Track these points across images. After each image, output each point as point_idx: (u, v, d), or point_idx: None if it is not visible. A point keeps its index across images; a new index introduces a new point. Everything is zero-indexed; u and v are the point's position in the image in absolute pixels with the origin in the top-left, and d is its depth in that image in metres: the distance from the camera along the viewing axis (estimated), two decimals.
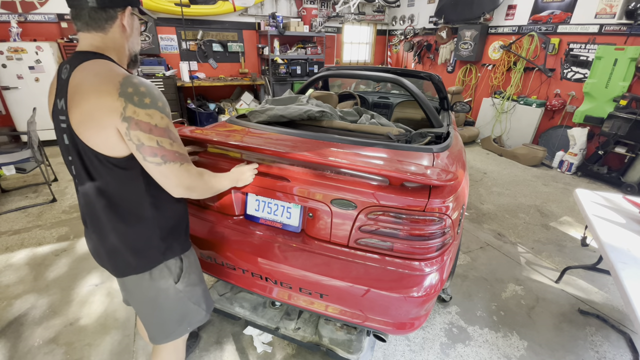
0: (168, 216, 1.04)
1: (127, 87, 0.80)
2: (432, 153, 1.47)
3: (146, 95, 0.82)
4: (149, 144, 0.83)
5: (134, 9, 0.92)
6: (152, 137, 0.83)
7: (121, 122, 0.80)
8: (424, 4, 6.76)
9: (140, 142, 0.83)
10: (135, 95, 0.81)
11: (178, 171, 0.89)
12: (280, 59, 6.16)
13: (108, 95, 0.79)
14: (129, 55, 0.97)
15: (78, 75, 0.83)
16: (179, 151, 0.89)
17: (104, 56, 0.88)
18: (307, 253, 1.33)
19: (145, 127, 0.82)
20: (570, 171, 4.50)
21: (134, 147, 0.84)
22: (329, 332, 1.57)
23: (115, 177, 0.90)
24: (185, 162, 0.91)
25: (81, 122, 0.82)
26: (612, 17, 4.10)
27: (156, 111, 0.84)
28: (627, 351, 1.85)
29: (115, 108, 0.79)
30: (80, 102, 0.81)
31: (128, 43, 0.94)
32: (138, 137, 0.82)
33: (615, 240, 1.64)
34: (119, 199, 0.93)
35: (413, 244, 1.22)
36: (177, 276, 1.07)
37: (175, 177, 0.90)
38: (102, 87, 0.80)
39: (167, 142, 0.86)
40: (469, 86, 6.13)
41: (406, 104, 2.76)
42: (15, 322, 1.91)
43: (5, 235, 2.75)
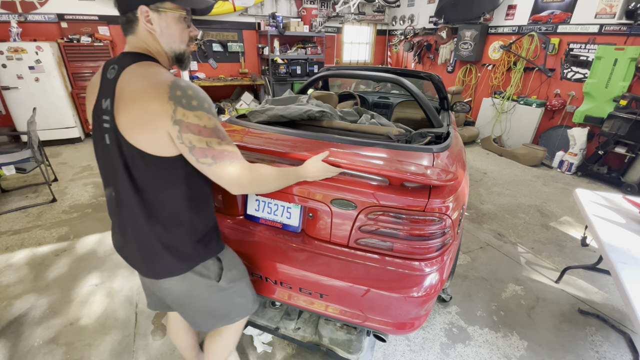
0: (203, 218, 1.04)
1: (176, 91, 0.81)
2: (432, 153, 1.47)
3: (193, 98, 0.83)
4: (199, 145, 0.84)
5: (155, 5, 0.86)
6: (201, 139, 0.84)
7: (172, 126, 0.81)
8: (424, 4, 6.76)
9: (191, 144, 0.84)
10: (184, 98, 0.81)
11: (229, 169, 0.89)
12: (280, 59, 6.16)
13: (158, 99, 0.80)
14: (168, 55, 0.95)
15: (126, 77, 0.84)
16: (228, 149, 0.89)
17: (150, 58, 0.90)
18: (307, 253, 1.33)
19: (195, 129, 0.83)
20: (570, 171, 4.50)
21: (187, 150, 0.85)
22: (329, 332, 1.57)
23: (158, 179, 0.90)
24: (236, 160, 0.90)
25: (130, 124, 0.83)
26: (612, 17, 4.10)
27: (204, 112, 0.84)
28: (627, 351, 1.85)
29: (166, 111, 0.80)
30: (129, 105, 0.82)
31: (162, 43, 0.91)
32: (189, 139, 0.83)
33: (615, 240, 1.64)
34: (160, 201, 0.93)
35: (413, 244, 1.22)
36: (218, 275, 1.09)
37: (227, 176, 0.90)
38: (152, 91, 0.81)
39: (216, 142, 0.86)
40: (469, 86, 6.13)
41: (406, 104, 2.76)
42: (15, 322, 1.91)
43: (5, 235, 2.75)
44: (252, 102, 6.23)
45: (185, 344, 1.46)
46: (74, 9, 4.96)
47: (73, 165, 4.31)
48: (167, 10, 0.88)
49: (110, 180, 0.95)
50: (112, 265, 2.41)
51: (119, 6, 0.88)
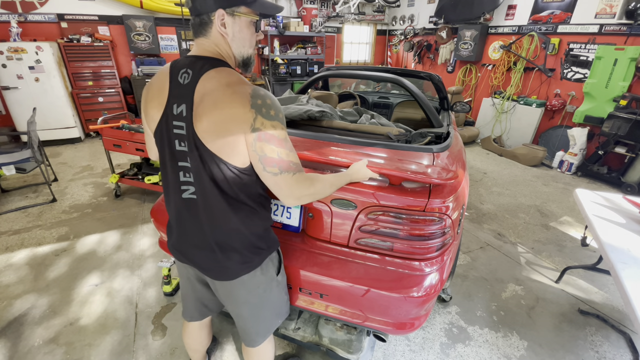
0: (268, 213, 1.07)
1: (257, 99, 0.82)
2: (432, 153, 1.47)
3: (272, 108, 0.84)
4: (270, 155, 0.85)
5: (231, 10, 0.87)
6: (273, 149, 0.85)
7: (250, 133, 0.82)
8: (424, 4, 6.76)
9: (263, 152, 0.85)
10: (264, 107, 0.82)
11: (291, 181, 0.90)
12: (280, 59, 6.16)
13: (241, 106, 0.81)
14: (236, 59, 0.95)
15: (207, 84, 0.84)
16: (294, 161, 0.90)
17: (223, 62, 0.90)
18: (307, 253, 1.33)
19: (269, 138, 0.84)
20: (570, 171, 4.50)
21: (257, 158, 0.86)
22: (329, 332, 1.57)
23: (238, 182, 0.91)
24: (298, 172, 0.91)
25: (211, 130, 0.83)
26: (612, 17, 4.10)
27: (279, 123, 0.85)
28: (627, 351, 1.85)
29: (247, 119, 0.81)
30: (212, 112, 0.82)
31: (232, 47, 0.92)
32: (262, 148, 0.84)
33: (615, 240, 1.64)
34: (241, 202, 0.95)
35: (413, 244, 1.22)
36: (277, 268, 1.12)
37: (288, 187, 0.91)
38: (236, 98, 0.81)
39: (285, 153, 0.87)
40: (469, 86, 6.13)
41: (406, 104, 2.76)
42: (15, 322, 1.91)
43: (5, 235, 2.75)
44: None
45: (200, 345, 1.46)
46: (74, 9, 4.96)
47: (73, 165, 4.31)
48: (242, 15, 0.89)
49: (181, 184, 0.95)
50: (112, 265, 2.41)
51: (195, 8, 0.87)
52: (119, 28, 5.27)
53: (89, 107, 5.14)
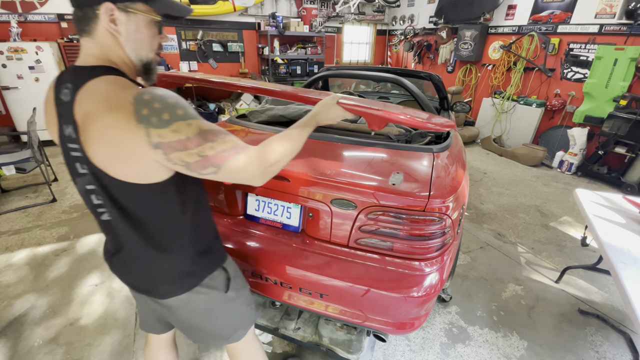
0: (205, 231, 0.97)
1: (141, 109, 0.68)
2: (432, 153, 1.47)
3: (163, 111, 0.69)
4: (193, 160, 0.73)
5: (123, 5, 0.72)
6: (191, 153, 0.72)
7: (154, 151, 0.70)
8: (424, 4, 6.76)
9: (184, 162, 0.73)
10: (153, 116, 0.68)
11: (239, 167, 0.77)
12: (280, 59, 6.16)
13: (126, 125, 0.68)
14: (134, 65, 0.80)
15: (84, 102, 0.70)
16: (224, 148, 0.75)
17: (107, 70, 0.75)
18: (307, 253, 1.33)
19: (179, 145, 0.71)
20: (570, 171, 4.50)
21: (184, 169, 0.75)
22: (329, 332, 1.57)
23: (150, 204, 0.81)
24: (240, 154, 0.77)
25: (106, 159, 0.72)
26: (612, 17, 4.10)
27: (180, 122, 0.71)
28: (627, 351, 1.85)
29: (139, 138, 0.68)
30: (98, 138, 0.70)
31: (127, 49, 0.76)
32: (179, 158, 0.72)
33: (615, 240, 1.64)
34: (156, 226, 0.84)
35: (413, 244, 1.22)
36: (226, 285, 1.02)
37: (240, 175, 0.79)
38: (118, 117, 0.68)
39: (208, 147, 0.73)
40: (469, 86, 6.13)
41: (406, 104, 2.76)
42: (15, 322, 1.91)
43: (5, 235, 2.75)
44: (252, 102, 6.23)
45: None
46: None
47: None
48: (139, 13, 0.74)
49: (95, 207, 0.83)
50: None
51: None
52: None
53: None
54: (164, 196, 0.81)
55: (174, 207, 0.84)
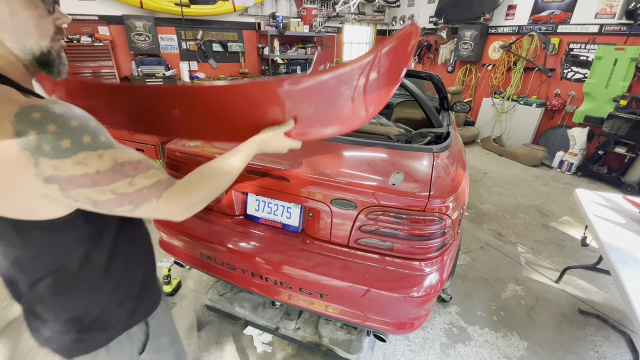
0: (127, 275, 0.78)
1: (27, 132, 0.50)
2: (432, 153, 1.47)
3: (61, 136, 0.52)
4: (104, 198, 0.58)
5: None
6: (102, 189, 0.58)
7: (45, 185, 0.53)
8: (424, 4, 6.76)
9: (91, 199, 0.58)
10: (45, 143, 0.51)
11: (159, 206, 0.65)
12: (280, 59, 6.16)
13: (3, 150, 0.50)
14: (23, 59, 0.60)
15: None
16: (146, 184, 0.62)
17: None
18: (307, 253, 1.33)
19: (85, 181, 0.55)
20: (570, 171, 4.50)
21: (89, 207, 0.60)
22: (329, 332, 1.57)
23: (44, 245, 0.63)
24: (162, 191, 0.65)
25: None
26: (612, 17, 4.10)
27: (86, 153, 0.55)
28: (627, 351, 1.85)
29: (23, 167, 0.51)
30: None
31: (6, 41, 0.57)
32: (85, 195, 0.57)
33: (615, 240, 1.64)
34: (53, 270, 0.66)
35: (413, 244, 1.22)
36: (142, 344, 0.84)
37: (160, 213, 0.67)
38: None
39: (126, 184, 0.60)
40: (469, 86, 6.13)
41: (406, 104, 2.76)
42: (15, 322, 1.91)
43: None
44: None
45: None
46: (74, 9, 4.95)
47: None
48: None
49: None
50: None
51: None
52: (119, 28, 5.26)
53: None
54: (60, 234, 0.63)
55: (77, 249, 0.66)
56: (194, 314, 1.98)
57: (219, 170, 0.76)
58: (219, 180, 0.75)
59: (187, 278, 2.28)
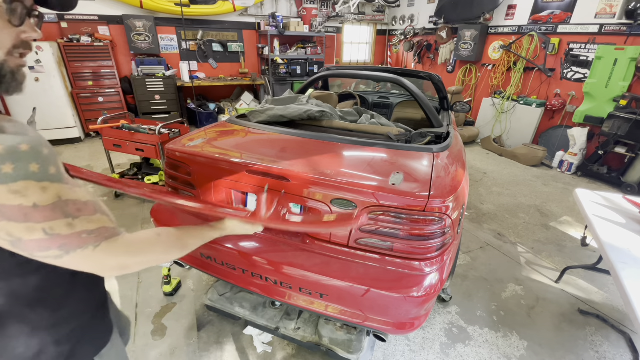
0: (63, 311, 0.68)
1: None
2: (432, 153, 1.47)
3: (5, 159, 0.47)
4: (31, 237, 0.51)
5: None
6: (32, 226, 0.50)
7: None
8: (424, 4, 6.76)
9: (14, 236, 0.50)
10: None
11: (93, 256, 0.56)
12: (280, 59, 6.16)
13: None
14: None
15: None
16: (89, 228, 0.55)
17: None
18: (307, 253, 1.33)
19: (16, 213, 0.49)
20: (570, 171, 4.50)
21: (7, 244, 0.52)
22: (329, 332, 1.57)
23: None
24: (103, 239, 0.57)
25: None
26: (612, 17, 4.10)
27: (29, 182, 0.49)
28: (627, 351, 1.85)
29: None
30: None
31: None
32: (7, 229, 0.49)
33: (615, 240, 1.64)
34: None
35: (413, 244, 1.22)
36: None
37: (90, 264, 0.58)
38: None
39: (63, 225, 0.52)
40: (469, 86, 6.13)
41: (406, 104, 2.76)
42: None
43: None
44: (252, 102, 6.23)
45: None
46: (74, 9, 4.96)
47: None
48: None
49: None
50: None
51: None
52: (119, 28, 5.26)
53: (89, 107, 5.13)
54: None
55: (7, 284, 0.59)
56: (194, 314, 1.98)
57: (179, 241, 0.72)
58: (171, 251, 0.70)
59: (187, 278, 2.28)
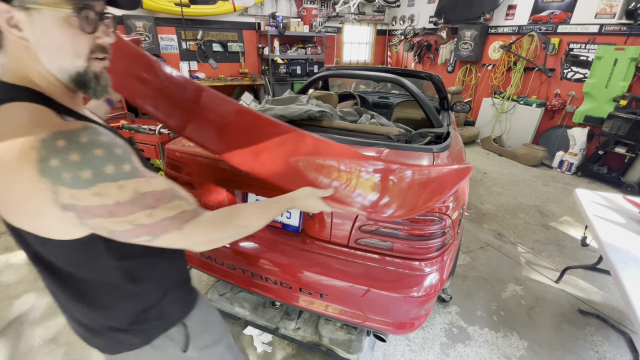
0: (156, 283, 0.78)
1: (49, 159, 0.50)
2: (432, 153, 1.47)
3: (82, 166, 0.52)
4: (121, 228, 0.58)
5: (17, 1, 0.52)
6: (119, 220, 0.57)
7: (62, 212, 0.53)
8: (424, 4, 6.76)
9: (108, 229, 0.58)
10: (65, 172, 0.51)
11: (179, 237, 0.64)
12: (280, 59, 6.16)
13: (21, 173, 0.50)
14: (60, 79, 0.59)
15: None
16: (167, 215, 0.61)
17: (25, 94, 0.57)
18: (307, 253, 1.33)
19: (102, 212, 0.55)
20: (570, 171, 4.50)
21: (105, 234, 0.60)
22: (329, 332, 1.57)
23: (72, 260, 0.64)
24: (186, 222, 0.64)
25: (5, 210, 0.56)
26: (612, 17, 4.10)
27: (106, 184, 0.54)
28: (627, 351, 1.85)
29: (41, 193, 0.52)
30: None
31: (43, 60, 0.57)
32: (101, 224, 0.57)
33: (615, 240, 1.64)
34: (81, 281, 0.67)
35: (413, 244, 1.22)
36: (184, 344, 0.85)
37: (180, 243, 0.66)
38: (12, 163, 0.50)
39: (145, 215, 0.58)
40: (469, 86, 6.13)
41: (406, 104, 2.76)
42: (15, 322, 1.91)
43: (5, 235, 2.74)
44: (252, 102, 6.23)
45: None
46: None
47: None
48: (42, 7, 0.53)
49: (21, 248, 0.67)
50: None
51: None
52: (119, 28, 5.27)
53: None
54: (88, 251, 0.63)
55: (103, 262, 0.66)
56: None
57: (254, 214, 0.78)
58: (250, 224, 0.77)
59: None
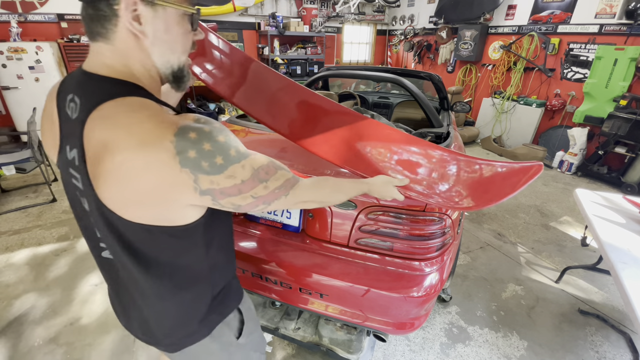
0: (226, 271, 0.85)
1: (187, 151, 0.54)
2: None
3: (215, 154, 0.57)
4: (245, 202, 0.65)
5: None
6: (245, 196, 0.64)
7: (200, 197, 0.59)
8: (424, 4, 6.76)
9: (235, 205, 0.65)
10: (203, 160, 0.56)
11: (286, 201, 0.73)
12: (280, 59, 6.16)
13: (163, 167, 0.54)
14: (161, 73, 0.64)
15: (101, 127, 0.55)
16: (277, 185, 0.69)
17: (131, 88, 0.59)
18: (307, 253, 1.33)
19: (233, 191, 0.62)
20: (570, 171, 4.51)
21: (233, 210, 0.68)
22: (329, 332, 1.57)
23: (171, 248, 0.68)
24: (290, 188, 0.72)
25: (121, 198, 0.58)
26: (612, 17, 4.10)
27: (234, 166, 0.60)
28: (627, 351, 1.86)
29: (183, 183, 0.56)
30: (116, 174, 0.55)
31: (153, 55, 0.61)
32: (232, 202, 0.64)
33: (615, 240, 1.64)
34: (169, 268, 0.71)
35: (413, 244, 1.22)
36: (239, 330, 0.89)
37: (287, 205, 0.75)
38: (151, 157, 0.53)
39: (261, 188, 0.66)
40: (469, 86, 6.13)
41: (406, 104, 2.76)
42: (15, 322, 1.91)
43: (5, 235, 2.75)
44: None
45: None
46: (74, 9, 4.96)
47: None
48: (169, 5, 0.58)
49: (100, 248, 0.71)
50: None
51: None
52: None
53: None
54: (188, 238, 0.69)
55: (196, 250, 0.72)
56: None
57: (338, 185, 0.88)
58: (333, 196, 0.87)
59: None
